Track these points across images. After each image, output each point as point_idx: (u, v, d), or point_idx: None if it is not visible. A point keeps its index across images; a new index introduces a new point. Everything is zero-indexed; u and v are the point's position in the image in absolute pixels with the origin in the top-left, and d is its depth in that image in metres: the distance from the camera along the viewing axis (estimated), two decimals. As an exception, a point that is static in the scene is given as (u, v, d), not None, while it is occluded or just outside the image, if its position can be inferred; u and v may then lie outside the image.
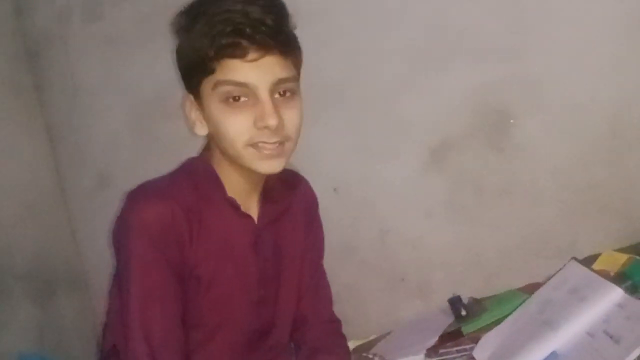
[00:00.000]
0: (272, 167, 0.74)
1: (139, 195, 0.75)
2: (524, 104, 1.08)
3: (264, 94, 0.71)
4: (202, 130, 0.77)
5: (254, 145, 0.72)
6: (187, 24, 0.73)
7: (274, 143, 0.72)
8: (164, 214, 0.72)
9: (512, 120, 1.09)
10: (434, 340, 0.89)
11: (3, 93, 1.47)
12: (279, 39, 0.71)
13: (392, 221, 1.23)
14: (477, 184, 1.14)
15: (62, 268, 1.52)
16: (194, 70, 0.73)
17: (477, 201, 1.14)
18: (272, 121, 0.70)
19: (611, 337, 0.65)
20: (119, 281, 0.78)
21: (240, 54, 0.69)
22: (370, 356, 0.96)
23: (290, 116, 0.74)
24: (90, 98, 1.51)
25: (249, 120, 0.71)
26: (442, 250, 1.19)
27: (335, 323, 0.93)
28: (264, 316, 0.85)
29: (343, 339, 0.92)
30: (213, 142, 0.79)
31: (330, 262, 1.27)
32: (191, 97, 0.76)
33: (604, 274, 0.76)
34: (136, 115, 1.45)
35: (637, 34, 0.99)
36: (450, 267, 1.18)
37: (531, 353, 0.70)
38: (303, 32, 1.25)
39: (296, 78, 0.76)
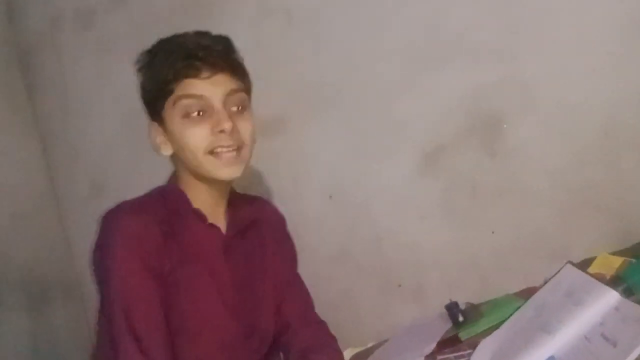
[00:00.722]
0: (230, 173, 0.83)
1: (112, 214, 0.82)
2: (517, 106, 1.09)
3: (218, 104, 0.81)
4: (167, 150, 0.86)
5: (212, 152, 0.81)
6: (148, 60, 0.85)
7: (230, 147, 0.82)
8: (137, 224, 0.80)
9: (505, 126, 1.09)
10: (432, 346, 0.89)
11: (-5, 100, 1.46)
12: (228, 60, 0.84)
13: (387, 225, 1.23)
14: (472, 187, 1.14)
15: (56, 276, 1.51)
16: (156, 96, 0.84)
17: (472, 203, 1.14)
18: (227, 125, 0.80)
19: (608, 340, 0.65)
20: (103, 298, 0.81)
21: (195, 73, 0.81)
22: None
23: (244, 125, 0.84)
24: (83, 104, 1.50)
25: (206, 128, 0.81)
26: (437, 253, 1.18)
27: (321, 324, 0.96)
28: (244, 321, 0.89)
29: (332, 338, 0.94)
30: (178, 161, 0.87)
31: (326, 268, 1.27)
32: (155, 124, 0.86)
33: (599, 277, 0.76)
34: (129, 122, 1.44)
35: (630, 35, 0.99)
36: (445, 269, 1.18)
37: (529, 357, 0.69)
38: (298, 35, 1.26)
39: (247, 92, 0.87)
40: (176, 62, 0.81)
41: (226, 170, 0.82)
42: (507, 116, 1.09)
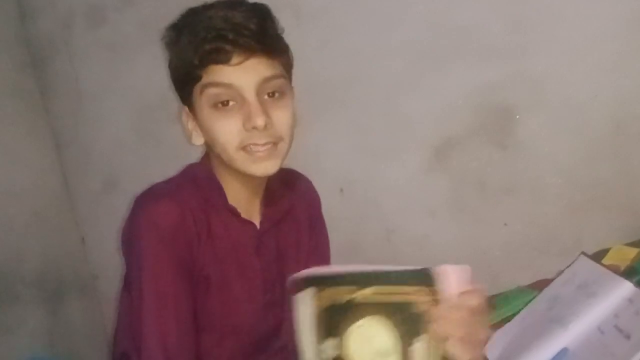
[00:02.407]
0: (265, 169, 0.74)
1: (147, 198, 0.75)
2: (527, 102, 1.08)
3: (250, 94, 0.71)
4: (198, 139, 0.78)
5: (245, 148, 0.73)
6: (174, 37, 0.75)
7: (265, 144, 0.72)
8: (173, 214, 0.73)
9: (517, 116, 1.09)
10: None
11: (9, 99, 1.48)
12: (263, 40, 0.71)
13: (397, 220, 1.23)
14: (481, 182, 1.14)
15: (71, 272, 1.53)
16: (184, 80, 0.74)
17: (482, 199, 1.14)
18: (260, 121, 0.70)
19: (621, 332, 0.65)
20: (129, 284, 0.77)
21: (224, 59, 0.70)
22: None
23: (280, 116, 0.73)
24: (95, 103, 1.52)
25: (237, 123, 0.72)
26: (447, 248, 1.18)
27: None
28: (271, 320, 0.84)
29: None
30: (210, 150, 0.79)
31: (336, 262, 1.27)
32: (186, 108, 0.77)
33: (613, 269, 0.76)
34: (141, 119, 1.45)
35: (640, 30, 0.98)
36: (455, 264, 1.17)
37: (542, 350, 0.69)
38: (306, 32, 1.26)
39: (284, 76, 0.76)
40: (202, 44, 0.70)
41: (261, 165, 0.73)
42: (517, 112, 1.09)
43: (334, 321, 0.62)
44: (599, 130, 1.03)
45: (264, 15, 0.73)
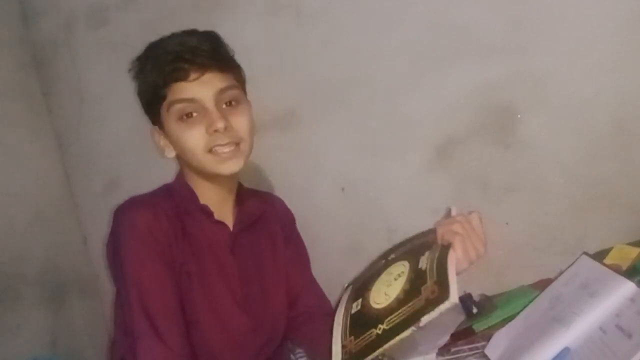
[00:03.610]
0: (230, 167, 0.84)
1: (123, 208, 0.84)
2: (529, 101, 1.08)
3: (209, 104, 0.82)
4: (170, 153, 0.88)
5: (210, 151, 0.83)
6: (139, 67, 0.88)
7: (228, 144, 0.83)
8: (148, 215, 0.82)
9: (519, 116, 1.09)
10: (445, 338, 0.88)
11: (12, 100, 1.48)
12: (216, 58, 0.84)
13: (398, 220, 1.23)
14: (483, 182, 1.14)
15: (73, 273, 1.54)
16: (152, 102, 0.86)
17: (484, 198, 1.14)
18: (219, 124, 0.81)
19: (623, 331, 0.64)
20: (119, 290, 0.83)
21: (184, 76, 0.82)
22: (380, 356, 0.96)
23: (238, 120, 0.85)
24: (97, 103, 1.52)
25: (201, 130, 0.82)
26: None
27: None
28: (253, 315, 0.90)
29: None
30: (182, 161, 0.89)
31: (337, 261, 1.27)
32: (157, 127, 0.89)
33: (615, 268, 0.76)
34: (143, 120, 1.45)
35: (643, 27, 0.98)
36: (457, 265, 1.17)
37: (543, 349, 0.69)
38: (306, 32, 1.27)
39: (238, 87, 0.88)
40: (164, 66, 0.82)
41: (226, 165, 0.84)
42: (519, 111, 1.09)
43: (362, 289, 0.73)
44: (601, 129, 1.03)
45: (215, 39, 0.87)
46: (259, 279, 0.92)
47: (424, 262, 0.68)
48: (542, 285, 0.87)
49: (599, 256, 0.87)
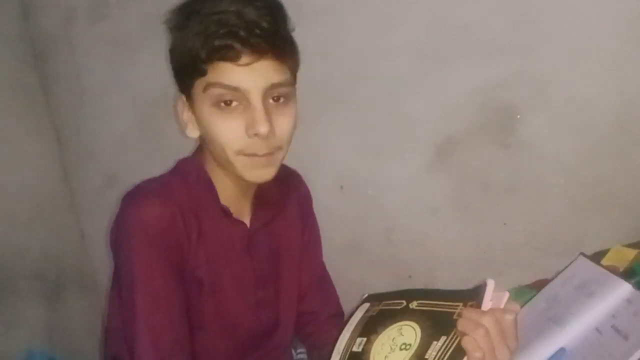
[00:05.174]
0: (262, 176, 0.73)
1: (136, 197, 0.73)
2: (529, 101, 1.08)
3: (256, 99, 0.68)
4: (194, 132, 0.75)
5: (245, 154, 0.71)
6: (180, 22, 0.70)
7: (265, 154, 0.70)
8: (164, 215, 0.71)
9: (519, 115, 1.08)
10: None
11: (11, 95, 1.48)
12: (275, 42, 0.68)
13: (398, 219, 1.23)
14: (484, 181, 1.14)
15: (71, 268, 1.54)
16: (186, 71, 0.71)
17: (484, 198, 1.14)
18: (263, 128, 0.68)
19: (619, 332, 0.64)
20: (120, 285, 0.75)
21: (233, 57, 0.67)
22: None
23: (283, 123, 0.71)
24: (96, 98, 1.52)
25: (240, 127, 0.69)
26: (448, 247, 1.18)
27: (344, 315, 0.93)
28: (266, 318, 0.84)
29: None
30: (205, 146, 0.77)
31: (336, 260, 1.27)
32: (184, 97, 0.74)
33: (612, 270, 0.76)
34: (142, 115, 1.46)
35: (644, 28, 0.98)
36: (457, 264, 1.17)
37: (540, 349, 0.69)
38: (307, 31, 1.25)
39: (291, 83, 0.73)
40: (212, 38, 0.66)
41: (258, 172, 0.72)
42: (519, 111, 1.09)
43: (372, 326, 0.66)
44: (602, 130, 1.03)
45: (278, 14, 0.70)
46: (274, 279, 0.85)
47: (432, 354, 0.59)
48: (540, 285, 0.87)
49: (597, 257, 0.87)
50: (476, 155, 1.13)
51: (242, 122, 0.69)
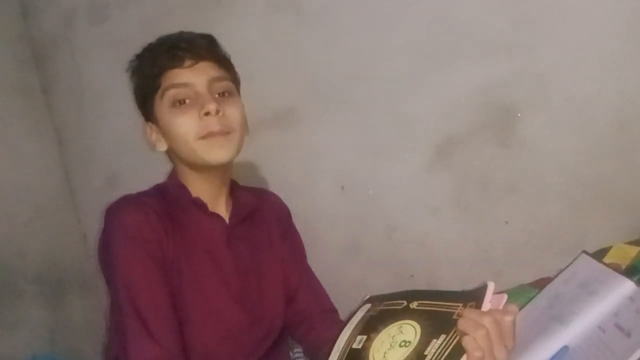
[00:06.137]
0: (220, 155, 0.83)
1: (112, 208, 0.84)
2: (530, 100, 1.08)
3: (202, 89, 0.83)
4: (162, 146, 0.88)
5: (203, 137, 0.82)
6: (136, 64, 0.88)
7: (219, 131, 0.82)
8: (137, 216, 0.81)
9: (519, 115, 1.09)
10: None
11: (12, 96, 1.48)
12: (212, 48, 0.86)
13: (399, 218, 1.23)
14: (484, 181, 1.14)
15: (73, 269, 1.54)
16: (146, 93, 0.86)
17: (484, 197, 1.14)
18: (211, 106, 0.81)
19: (622, 330, 0.64)
20: (110, 290, 0.82)
21: (178, 64, 0.83)
22: None
23: (231, 111, 0.84)
24: (97, 100, 1.52)
25: (194, 115, 0.82)
26: (449, 246, 1.18)
27: (336, 312, 0.98)
28: (249, 308, 0.89)
29: None
30: (173, 155, 0.89)
31: (337, 260, 1.28)
32: (149, 123, 0.89)
33: (615, 267, 0.76)
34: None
35: (644, 27, 0.98)
36: (458, 263, 1.17)
37: (542, 348, 0.69)
38: (307, 31, 1.26)
39: (233, 81, 0.88)
40: (160, 56, 0.84)
41: (215, 152, 0.83)
42: (520, 110, 1.09)
43: (372, 325, 0.70)
44: (602, 129, 1.03)
45: (212, 38, 0.88)
46: (255, 272, 0.92)
47: (431, 351, 0.60)
48: (542, 284, 0.87)
49: (599, 255, 0.87)
50: (476, 154, 1.13)
51: (195, 112, 0.82)
